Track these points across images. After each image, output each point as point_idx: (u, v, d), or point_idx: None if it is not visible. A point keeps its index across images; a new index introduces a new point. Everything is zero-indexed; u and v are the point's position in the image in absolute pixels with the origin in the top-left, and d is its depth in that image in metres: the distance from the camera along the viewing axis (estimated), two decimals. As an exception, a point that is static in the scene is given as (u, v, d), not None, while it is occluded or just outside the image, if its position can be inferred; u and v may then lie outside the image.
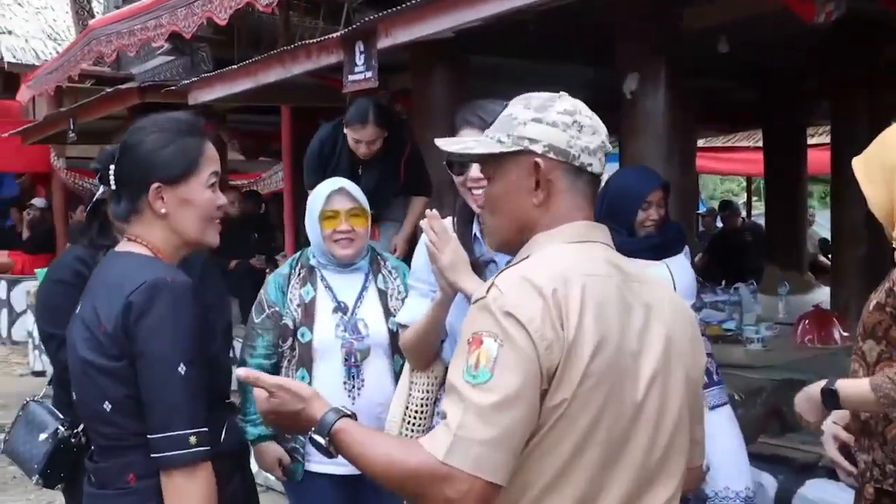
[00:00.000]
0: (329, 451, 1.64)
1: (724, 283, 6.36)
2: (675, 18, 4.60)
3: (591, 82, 6.84)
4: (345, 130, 4.84)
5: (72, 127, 9.15)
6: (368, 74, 4.66)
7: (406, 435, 2.66)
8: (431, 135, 5.76)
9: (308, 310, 3.12)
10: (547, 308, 1.51)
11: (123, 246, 2.15)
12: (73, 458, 2.81)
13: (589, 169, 1.68)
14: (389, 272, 3.26)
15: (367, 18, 4.70)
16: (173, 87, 6.54)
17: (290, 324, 3.12)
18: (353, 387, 3.09)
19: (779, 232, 8.28)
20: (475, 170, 2.36)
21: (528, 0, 3.80)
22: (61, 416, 2.86)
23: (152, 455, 1.95)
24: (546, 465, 1.53)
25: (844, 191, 6.00)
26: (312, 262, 3.21)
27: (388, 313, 3.15)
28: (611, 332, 1.55)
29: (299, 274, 3.20)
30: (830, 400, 2.36)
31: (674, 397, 1.63)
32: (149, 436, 1.95)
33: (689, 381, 1.69)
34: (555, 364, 1.50)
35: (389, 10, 4.38)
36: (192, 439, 1.94)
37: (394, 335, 3.12)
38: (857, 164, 2.31)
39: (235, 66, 5.72)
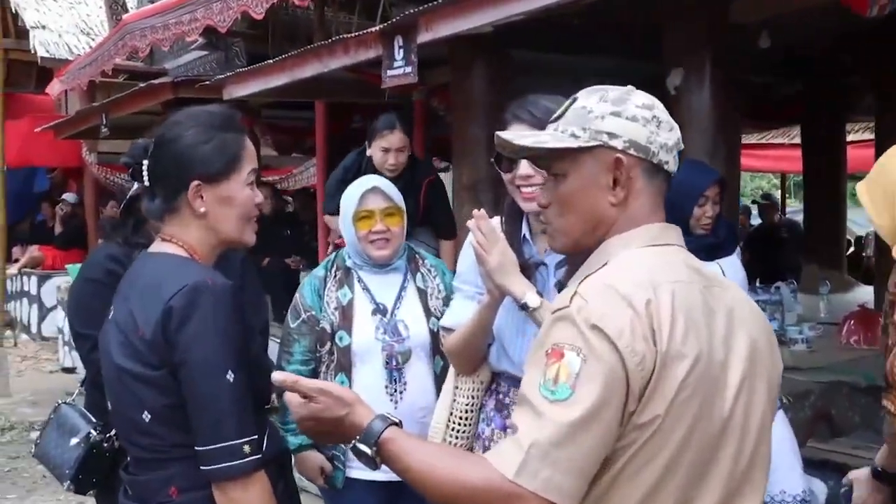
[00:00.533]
0: (374, 462, 1.55)
1: (758, 281, 6.25)
2: (721, 12, 4.50)
3: (634, 77, 6.74)
4: (371, 144, 4.80)
5: (104, 122, 9.17)
6: (408, 70, 4.60)
7: (450, 442, 2.59)
8: (471, 130, 5.82)
9: (346, 312, 3.05)
10: (637, 319, 1.42)
11: (157, 246, 2.06)
12: (107, 463, 2.77)
13: (665, 167, 1.59)
14: (428, 270, 3.18)
15: (406, 13, 4.64)
16: (207, 83, 6.50)
17: (328, 327, 3.04)
18: (396, 391, 3.01)
19: (818, 229, 8.16)
20: (524, 166, 2.31)
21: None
22: (94, 420, 2.81)
23: (202, 468, 1.86)
24: (635, 485, 1.44)
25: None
26: (348, 263, 3.13)
27: (428, 313, 3.08)
28: (702, 341, 1.47)
29: (335, 276, 3.13)
30: (885, 480, 2.30)
31: (758, 405, 1.56)
32: (197, 447, 1.87)
33: (771, 388, 1.60)
34: (646, 379, 1.41)
35: (430, 4, 4.31)
36: (246, 448, 1.86)
37: (434, 336, 3.05)
38: (860, 189, 2.21)
39: (271, 61, 5.67)
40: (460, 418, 2.59)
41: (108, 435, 2.77)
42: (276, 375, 1.65)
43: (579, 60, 6.29)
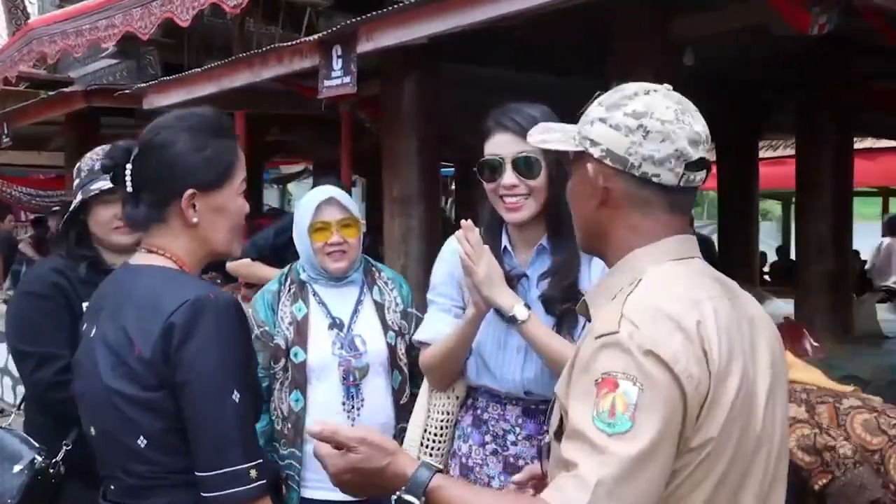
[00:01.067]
0: None
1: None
2: (662, 30, 4.55)
3: (568, 92, 6.81)
4: None
5: (6, 131, 8.77)
6: (346, 80, 4.52)
7: (423, 458, 2.52)
8: (402, 143, 5.74)
9: (301, 327, 2.90)
10: (689, 342, 1.36)
11: (143, 258, 1.91)
12: (52, 491, 2.59)
13: (655, 180, 1.49)
14: (385, 283, 3.07)
15: (345, 22, 4.55)
16: (127, 91, 6.27)
17: (283, 343, 2.89)
18: (353, 407, 2.88)
19: (732, 245, 8.34)
20: (509, 176, 2.28)
21: (522, 6, 3.70)
22: (36, 445, 2.63)
23: (206, 494, 1.72)
24: None
25: (809, 205, 6.04)
26: (303, 276, 3.00)
27: (385, 327, 2.97)
28: (741, 357, 1.43)
29: (289, 290, 2.98)
30: None
31: (780, 416, 1.52)
32: (200, 473, 1.73)
33: (786, 397, 1.58)
34: (701, 403, 1.36)
35: (372, 14, 4.24)
36: (252, 473, 1.73)
37: (392, 350, 2.96)
38: None
39: (199, 70, 5.51)
40: (435, 435, 2.52)
41: (53, 461, 2.58)
42: (314, 427, 1.54)
43: (511, 75, 6.30)
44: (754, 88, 7.19)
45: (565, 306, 2.29)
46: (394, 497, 1.48)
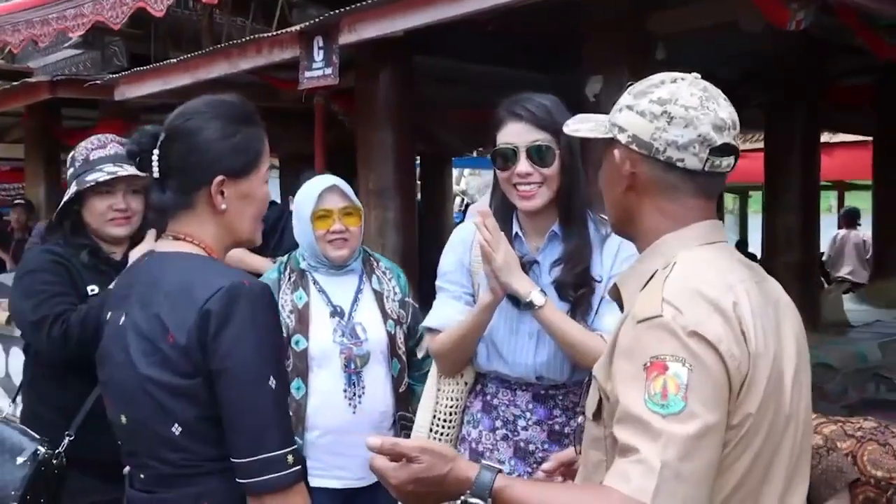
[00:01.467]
0: None
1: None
2: (639, 24, 4.62)
3: (549, 86, 6.87)
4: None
5: (-37, 123, 8.62)
6: (328, 71, 4.53)
7: None
8: (377, 135, 5.75)
9: (302, 315, 2.93)
10: (728, 323, 1.41)
11: (170, 245, 1.91)
12: (55, 482, 2.59)
13: (679, 165, 1.53)
14: (384, 273, 3.11)
15: (325, 14, 4.55)
16: (98, 82, 6.19)
17: (284, 331, 2.89)
18: (354, 395, 2.91)
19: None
20: (523, 164, 2.31)
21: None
22: (37, 436, 2.61)
23: (241, 480, 1.73)
24: (724, 481, 1.43)
25: (778, 198, 6.17)
26: (303, 265, 3.02)
27: (385, 316, 3.01)
28: (772, 338, 1.49)
29: (289, 278, 3.00)
30: None
31: (805, 397, 1.57)
32: (236, 459, 1.74)
33: (809, 377, 1.63)
34: (741, 382, 1.41)
35: (355, 5, 4.25)
36: (289, 458, 1.74)
37: (392, 338, 2.99)
38: None
39: (174, 60, 5.46)
40: (444, 421, 2.55)
41: (55, 451, 2.58)
42: (373, 441, 1.55)
43: (484, 69, 6.33)
44: (724, 84, 7.29)
45: (580, 292, 2.34)
46: (458, 502, 1.49)
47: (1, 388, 7.96)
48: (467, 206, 15.95)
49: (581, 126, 1.67)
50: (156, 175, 1.89)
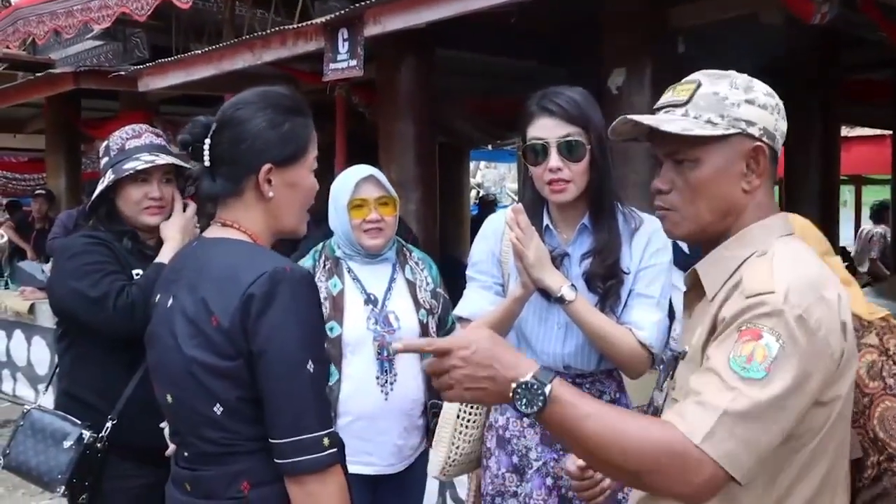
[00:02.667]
0: (543, 402, 1.42)
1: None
2: (662, 18, 4.65)
3: (567, 79, 6.89)
4: None
5: (-15, 114, 8.70)
6: (353, 63, 4.58)
7: (460, 431, 2.60)
8: (398, 128, 5.79)
9: (337, 303, 2.97)
10: (831, 313, 1.45)
11: (218, 231, 1.96)
12: (98, 465, 2.65)
13: (778, 155, 1.63)
14: (416, 263, 3.16)
15: (351, 6, 4.59)
16: (122, 73, 6.24)
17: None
18: (387, 382, 2.96)
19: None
20: (554, 159, 2.32)
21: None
22: (77, 421, 2.67)
23: (278, 461, 1.79)
24: (822, 462, 1.51)
25: (797, 192, 6.19)
26: (338, 253, 3.06)
27: (417, 305, 3.05)
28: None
29: (324, 266, 3.05)
30: None
31: (852, 387, 1.62)
32: (275, 440, 1.79)
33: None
34: (834, 368, 1.46)
35: (377, -2, 4.29)
36: (325, 441, 1.79)
37: (424, 327, 3.03)
38: None
39: (198, 52, 5.51)
40: (471, 407, 2.59)
41: (99, 435, 2.63)
42: (399, 344, 1.56)
43: (503, 62, 6.38)
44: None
45: (609, 284, 2.38)
46: (514, 385, 1.44)
47: (24, 377, 8.07)
48: (482, 198, 15.98)
49: (686, 124, 1.59)
50: (206, 163, 1.94)
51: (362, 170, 3.05)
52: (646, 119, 1.63)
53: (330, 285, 3.00)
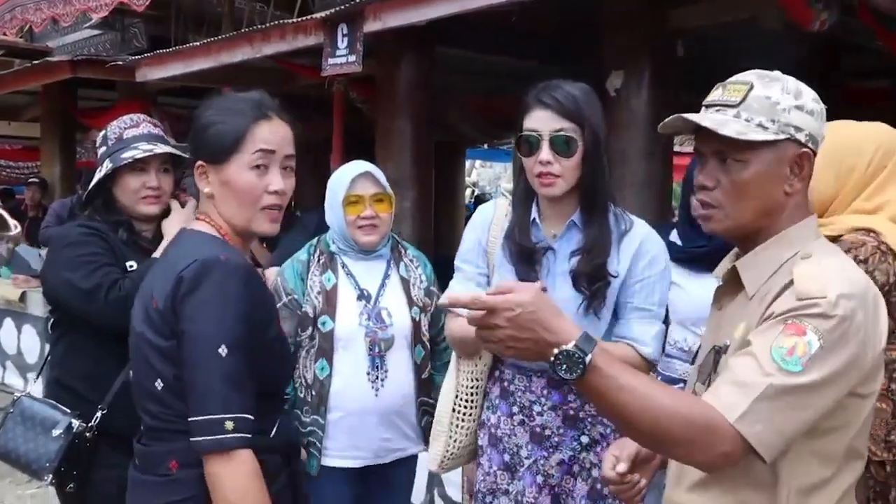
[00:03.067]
0: (582, 368, 1.46)
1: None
2: (661, 20, 4.65)
3: (566, 79, 6.88)
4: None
5: (-19, 101, 8.67)
6: (352, 58, 4.57)
7: (456, 426, 2.59)
8: (395, 123, 5.78)
9: (330, 297, 2.97)
10: (869, 314, 1.54)
11: (193, 224, 2.08)
12: (87, 454, 2.65)
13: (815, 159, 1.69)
14: (411, 260, 3.16)
15: (352, 2, 4.58)
16: (120, 63, 6.23)
17: (311, 312, 2.95)
18: (377, 378, 2.96)
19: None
20: (545, 152, 2.31)
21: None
22: (67, 410, 2.67)
23: (190, 438, 1.84)
24: (858, 445, 1.63)
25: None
26: (332, 248, 3.06)
27: (411, 302, 3.05)
28: None
29: (319, 260, 3.05)
30: None
31: None
32: (188, 418, 1.85)
33: None
34: (872, 365, 1.55)
35: (379, -7, 4.29)
36: (228, 424, 1.82)
37: (416, 325, 3.04)
38: None
39: (197, 44, 5.50)
40: (465, 401, 2.59)
41: (88, 424, 2.63)
42: (445, 299, 1.58)
43: (501, 60, 6.37)
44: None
45: (596, 286, 2.36)
46: (556, 351, 1.48)
47: (13, 365, 8.04)
48: (478, 197, 15.99)
49: (739, 128, 1.63)
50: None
51: (359, 166, 3.04)
52: (703, 121, 1.65)
53: (324, 279, 3.00)
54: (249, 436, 1.86)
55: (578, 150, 2.33)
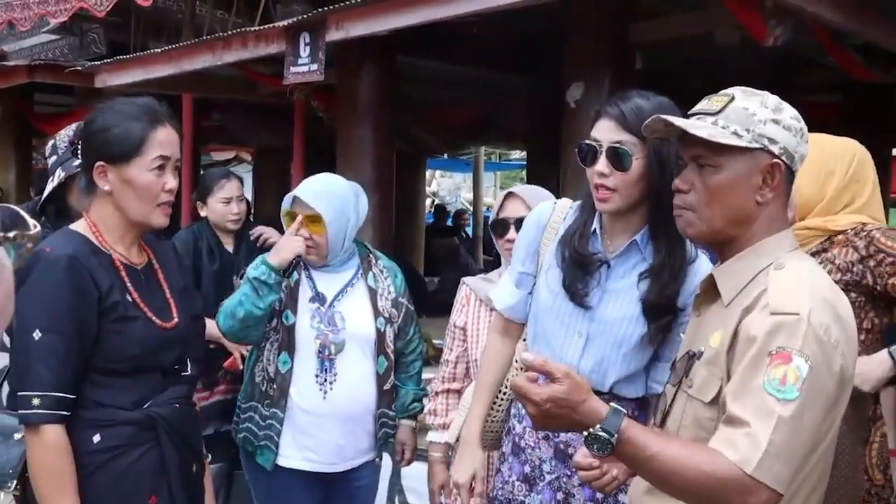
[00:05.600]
0: (611, 447, 1.59)
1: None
2: (620, 33, 4.72)
3: (528, 89, 6.95)
4: (208, 202, 4.16)
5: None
6: (314, 67, 4.57)
7: (497, 404, 2.59)
8: (357, 133, 5.79)
9: (292, 293, 3.01)
10: (845, 329, 1.61)
11: (76, 223, 2.29)
12: None
13: (795, 175, 1.76)
14: (381, 271, 3.17)
15: (314, 11, 4.59)
16: (79, 68, 6.17)
17: (277, 304, 2.98)
18: (325, 381, 2.97)
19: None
20: (602, 164, 2.19)
21: (496, 3, 3.81)
22: None
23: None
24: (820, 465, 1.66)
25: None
26: None
27: (376, 313, 3.05)
28: None
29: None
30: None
31: None
32: None
33: None
34: (849, 378, 1.62)
35: (345, 3, 4.30)
36: (36, 401, 2.07)
37: (381, 335, 3.04)
38: None
39: (158, 50, 5.46)
40: (493, 403, 2.58)
41: None
42: (527, 356, 1.67)
43: (464, 70, 6.40)
44: (698, 95, 7.45)
45: (665, 319, 2.26)
46: (586, 433, 1.61)
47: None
48: (438, 206, 16.02)
49: (713, 132, 1.70)
50: (79, 160, 2.33)
51: (303, 185, 3.06)
52: (677, 121, 1.74)
53: (290, 277, 3.02)
54: (57, 412, 2.09)
55: (637, 165, 2.19)
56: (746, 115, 1.70)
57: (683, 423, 1.76)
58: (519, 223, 2.72)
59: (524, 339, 2.54)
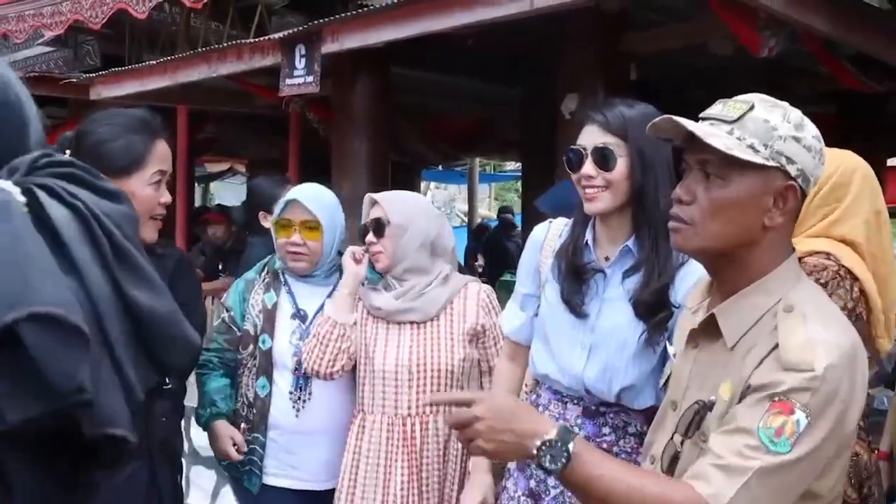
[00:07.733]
0: (564, 463, 1.47)
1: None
2: (613, 44, 4.74)
3: (521, 100, 6.96)
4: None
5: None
6: (309, 79, 4.59)
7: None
8: (352, 144, 5.80)
9: (270, 315, 2.96)
10: (856, 374, 1.48)
11: None
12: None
13: (805, 200, 1.61)
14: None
15: (309, 23, 4.61)
16: (74, 80, 6.18)
17: (251, 330, 2.95)
18: (300, 399, 2.92)
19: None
20: (588, 166, 2.22)
21: (493, 15, 3.83)
22: None
23: None
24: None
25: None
26: (277, 266, 3.05)
27: None
28: None
29: (264, 279, 3.04)
30: None
31: None
32: None
33: None
34: (855, 419, 1.51)
35: (340, 15, 4.32)
36: None
37: None
38: None
39: (153, 62, 5.48)
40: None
41: None
42: (432, 396, 1.67)
43: (458, 81, 6.42)
44: (694, 106, 7.48)
45: (659, 317, 2.24)
46: (539, 441, 1.50)
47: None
48: (433, 217, 15.93)
49: (729, 142, 1.53)
50: None
51: (293, 192, 3.01)
52: (692, 126, 1.56)
53: (266, 298, 2.99)
54: None
55: (622, 164, 2.22)
56: (766, 128, 1.52)
57: (676, 466, 1.65)
58: (377, 224, 2.83)
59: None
